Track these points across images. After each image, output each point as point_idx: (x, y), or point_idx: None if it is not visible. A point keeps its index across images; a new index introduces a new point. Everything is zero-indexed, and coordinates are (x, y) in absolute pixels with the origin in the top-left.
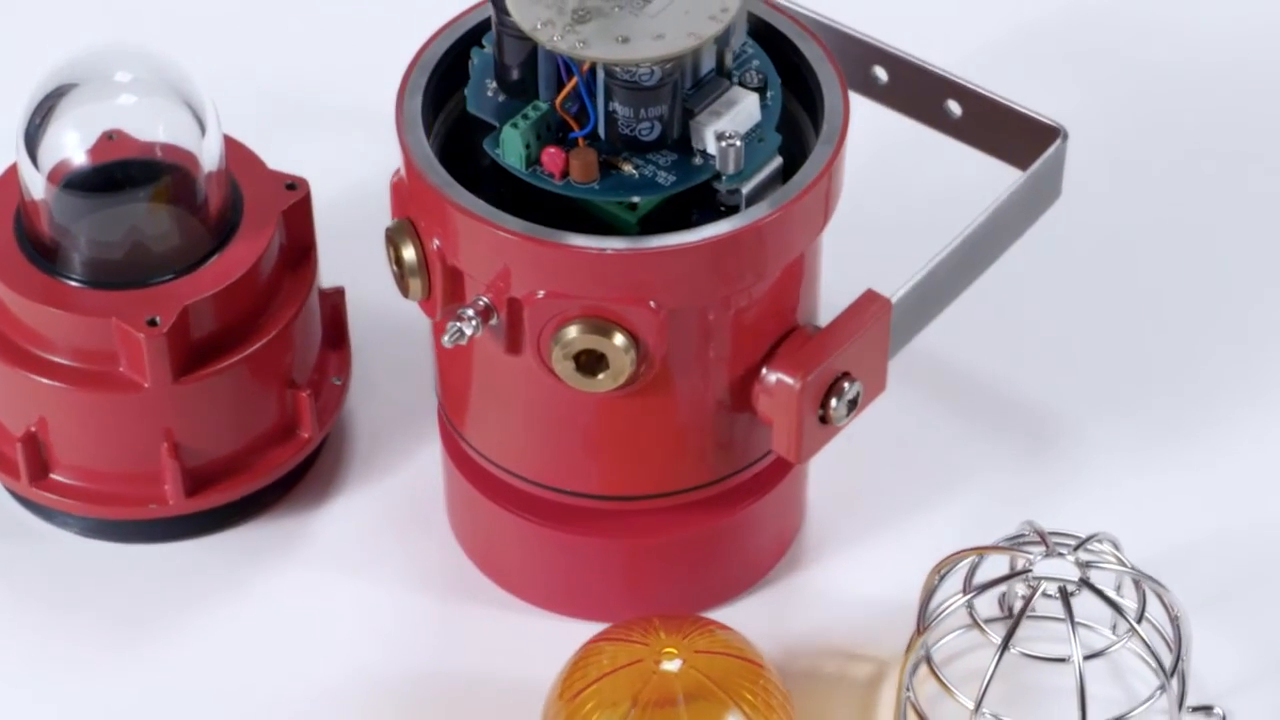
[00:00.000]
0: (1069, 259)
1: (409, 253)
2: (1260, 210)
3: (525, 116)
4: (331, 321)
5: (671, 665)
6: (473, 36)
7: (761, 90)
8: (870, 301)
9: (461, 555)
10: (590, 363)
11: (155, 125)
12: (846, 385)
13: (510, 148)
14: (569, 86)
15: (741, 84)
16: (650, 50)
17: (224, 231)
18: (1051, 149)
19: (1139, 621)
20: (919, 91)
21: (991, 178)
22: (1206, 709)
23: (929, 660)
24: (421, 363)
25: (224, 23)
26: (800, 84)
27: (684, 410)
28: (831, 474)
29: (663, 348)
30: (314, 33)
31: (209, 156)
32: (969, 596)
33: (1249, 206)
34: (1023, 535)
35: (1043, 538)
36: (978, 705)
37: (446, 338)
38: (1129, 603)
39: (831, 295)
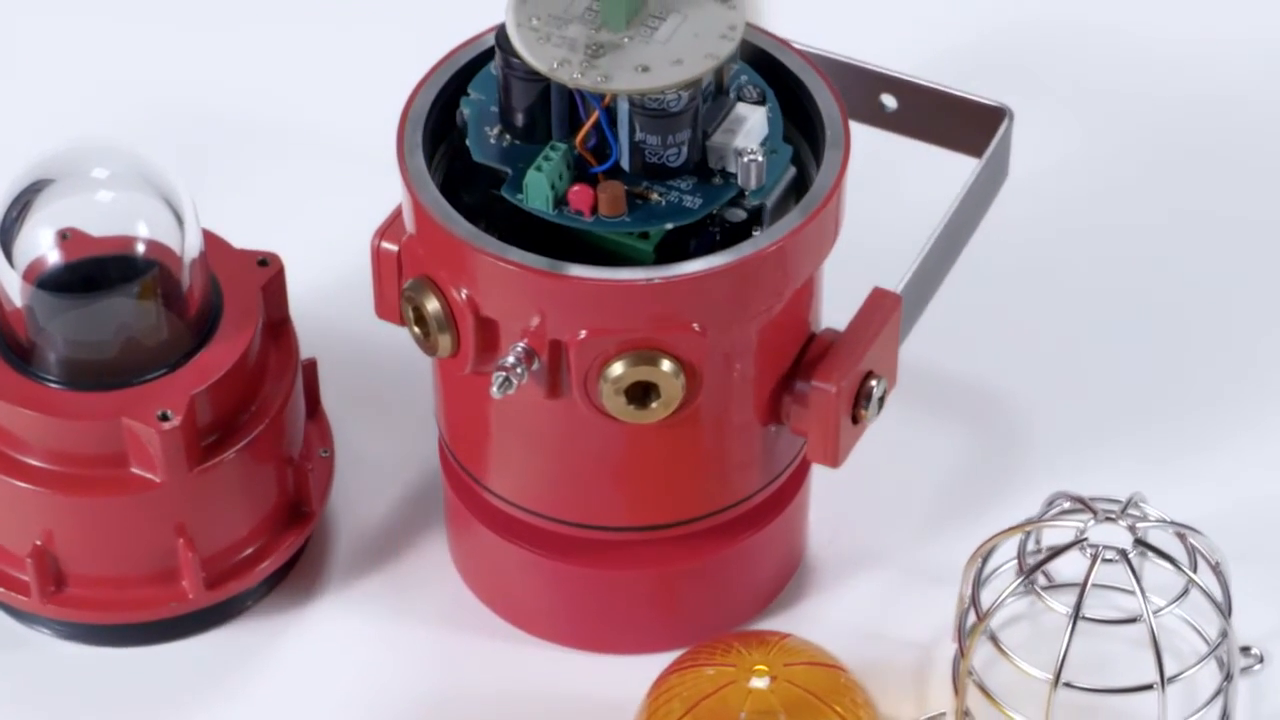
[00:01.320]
0: (1037, 258)
1: (434, 310)
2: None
3: (547, 158)
4: (308, 393)
5: (762, 682)
6: (456, 85)
7: (761, 103)
8: (882, 298)
9: (472, 604)
10: (640, 394)
11: (135, 221)
12: (874, 384)
13: (535, 191)
14: (589, 122)
15: (740, 99)
16: (673, 76)
17: (209, 319)
18: (1001, 130)
19: (1194, 572)
20: (856, 89)
21: (921, 169)
22: (1244, 649)
23: (996, 641)
24: (390, 420)
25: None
26: (782, 93)
27: (718, 432)
28: (826, 495)
29: (708, 367)
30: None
31: (190, 248)
32: (1028, 574)
33: (1241, 208)
34: (1057, 504)
35: (1086, 504)
36: (1057, 677)
37: (496, 389)
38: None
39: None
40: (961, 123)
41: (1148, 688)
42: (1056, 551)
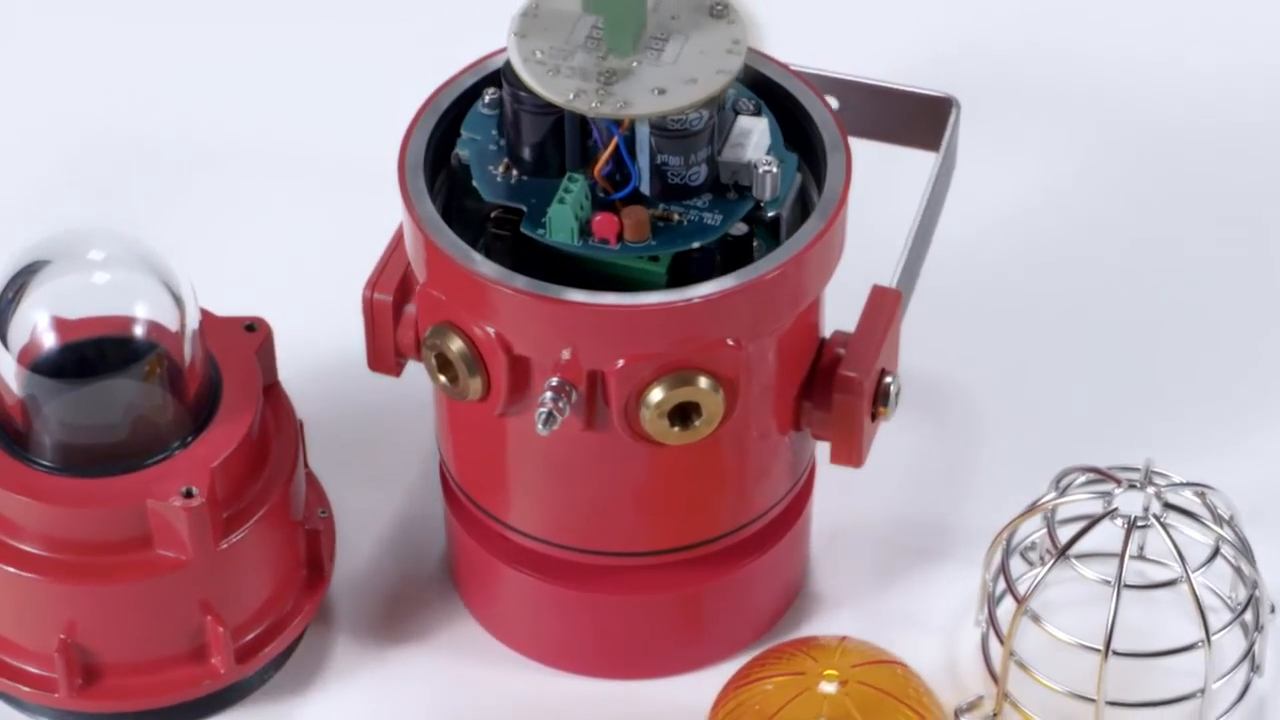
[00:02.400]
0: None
1: (463, 355)
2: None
3: (567, 190)
4: None
5: (833, 686)
6: (446, 126)
7: (758, 115)
8: (883, 296)
9: (490, 645)
10: (683, 415)
11: (134, 301)
12: (889, 381)
13: (560, 224)
14: (609, 150)
15: (736, 112)
16: (692, 95)
17: (211, 393)
18: (951, 120)
19: (1208, 560)
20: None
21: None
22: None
23: (1037, 619)
24: (370, 472)
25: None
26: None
27: (745, 444)
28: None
29: (743, 380)
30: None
31: (189, 327)
32: (1063, 550)
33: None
34: (1070, 478)
35: (1108, 475)
36: (1107, 646)
37: (541, 426)
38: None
39: None
40: (909, 117)
41: (1190, 648)
42: (1092, 523)
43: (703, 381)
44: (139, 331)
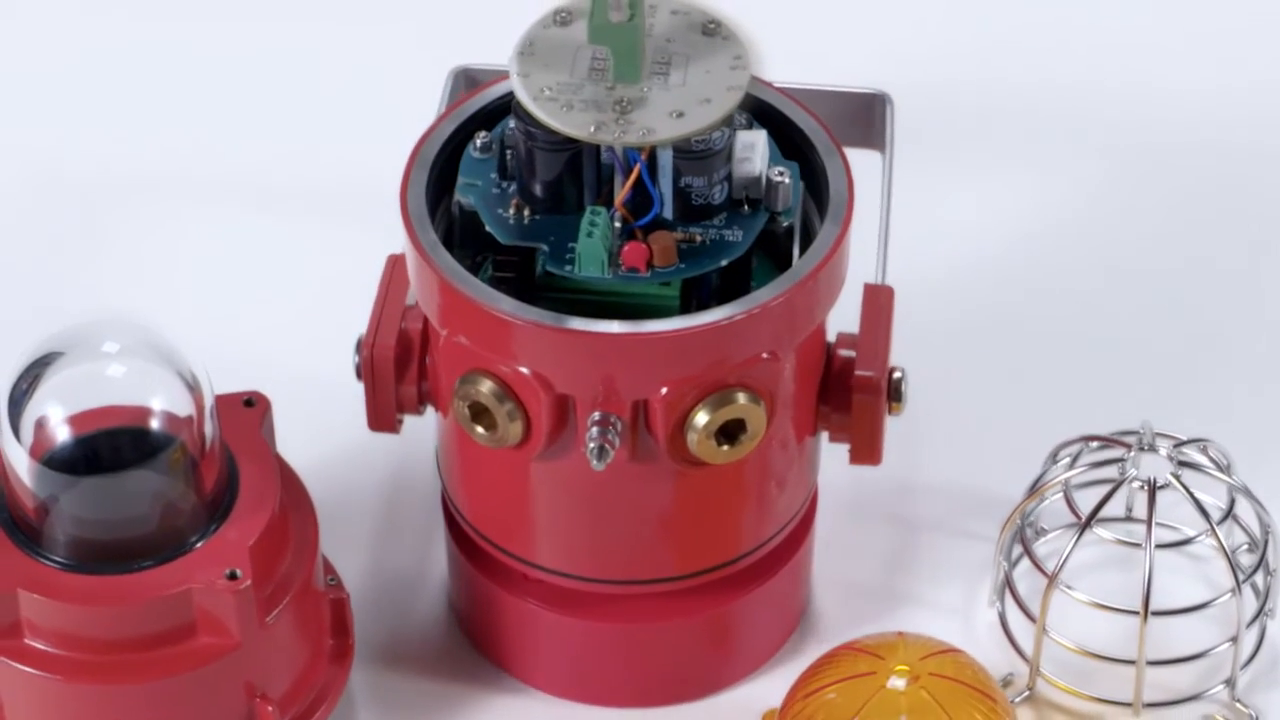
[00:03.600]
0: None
1: (499, 401)
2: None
3: (593, 224)
4: None
5: (901, 681)
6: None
7: (750, 127)
8: (876, 293)
9: (513, 686)
10: (729, 433)
11: (149, 393)
12: (899, 375)
13: (590, 258)
14: (633, 178)
15: (732, 128)
16: (710, 115)
17: (230, 475)
18: (888, 116)
19: (1222, 522)
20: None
21: None
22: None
23: (1024, 534)
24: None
25: None
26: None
27: (773, 456)
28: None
29: (782, 392)
30: None
31: (207, 416)
32: (1088, 520)
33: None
34: (1070, 449)
35: (1116, 441)
36: (1054, 576)
37: (597, 461)
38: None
39: None
40: (845, 117)
41: (1220, 598)
42: (1114, 488)
43: (743, 397)
44: (156, 423)
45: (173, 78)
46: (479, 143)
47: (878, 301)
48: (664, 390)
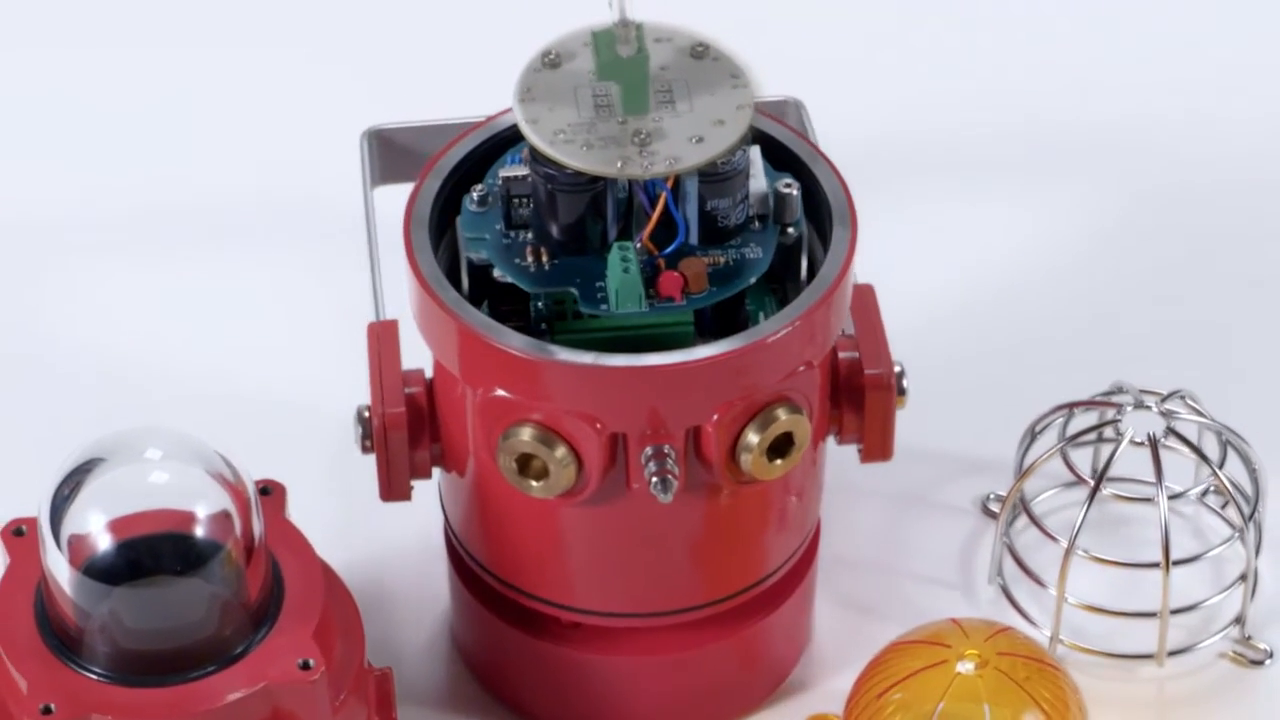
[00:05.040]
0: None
1: (549, 449)
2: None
3: (626, 259)
4: None
5: (965, 666)
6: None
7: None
8: (862, 293)
9: None
10: (778, 449)
11: (194, 500)
12: (900, 369)
13: (628, 294)
14: (660, 208)
15: None
16: (728, 136)
17: (275, 573)
18: (806, 120)
19: (1220, 468)
20: None
21: None
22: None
23: (1025, 506)
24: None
25: None
26: None
27: (802, 468)
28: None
29: (820, 399)
30: None
31: (254, 519)
32: (1060, 445)
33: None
34: (1047, 420)
35: (1105, 402)
36: (1071, 543)
37: (664, 493)
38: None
39: None
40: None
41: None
42: (1116, 448)
43: (788, 410)
44: (202, 530)
45: (71, 125)
46: (475, 196)
47: (865, 300)
48: (715, 416)
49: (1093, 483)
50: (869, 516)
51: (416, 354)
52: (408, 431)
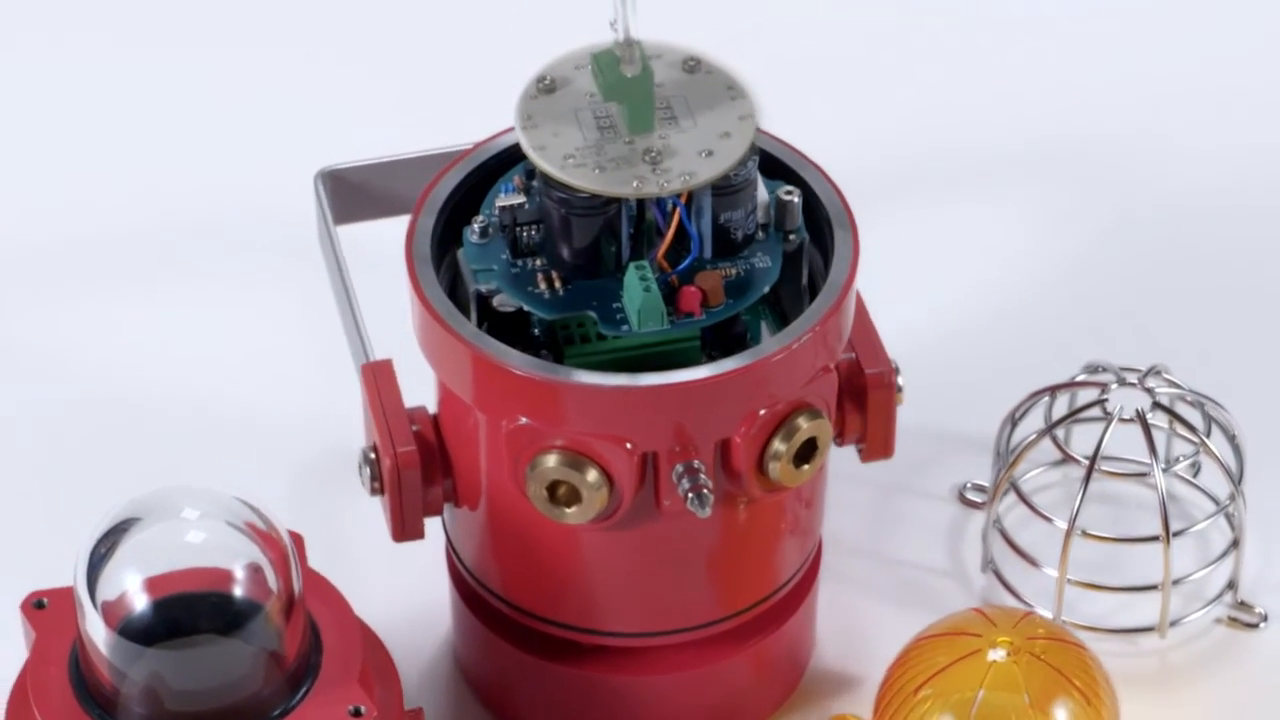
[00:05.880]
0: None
1: (582, 470)
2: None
3: (644, 279)
4: None
5: (998, 654)
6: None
7: None
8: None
9: None
10: (806, 454)
11: (234, 560)
12: (896, 365)
13: (650, 313)
14: (674, 225)
15: None
16: (736, 148)
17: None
18: None
19: (1209, 428)
20: None
21: None
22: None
23: (1018, 491)
24: None
25: None
26: None
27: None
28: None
29: (839, 401)
30: None
31: (294, 578)
32: (1050, 427)
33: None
34: (1025, 405)
35: (1088, 383)
36: (1071, 523)
37: (703, 508)
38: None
39: None
40: None
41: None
42: (1107, 425)
43: (810, 415)
44: (241, 590)
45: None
46: (476, 228)
47: (855, 301)
48: (743, 427)
49: (1086, 463)
50: (847, 512)
51: (408, 391)
52: (421, 470)
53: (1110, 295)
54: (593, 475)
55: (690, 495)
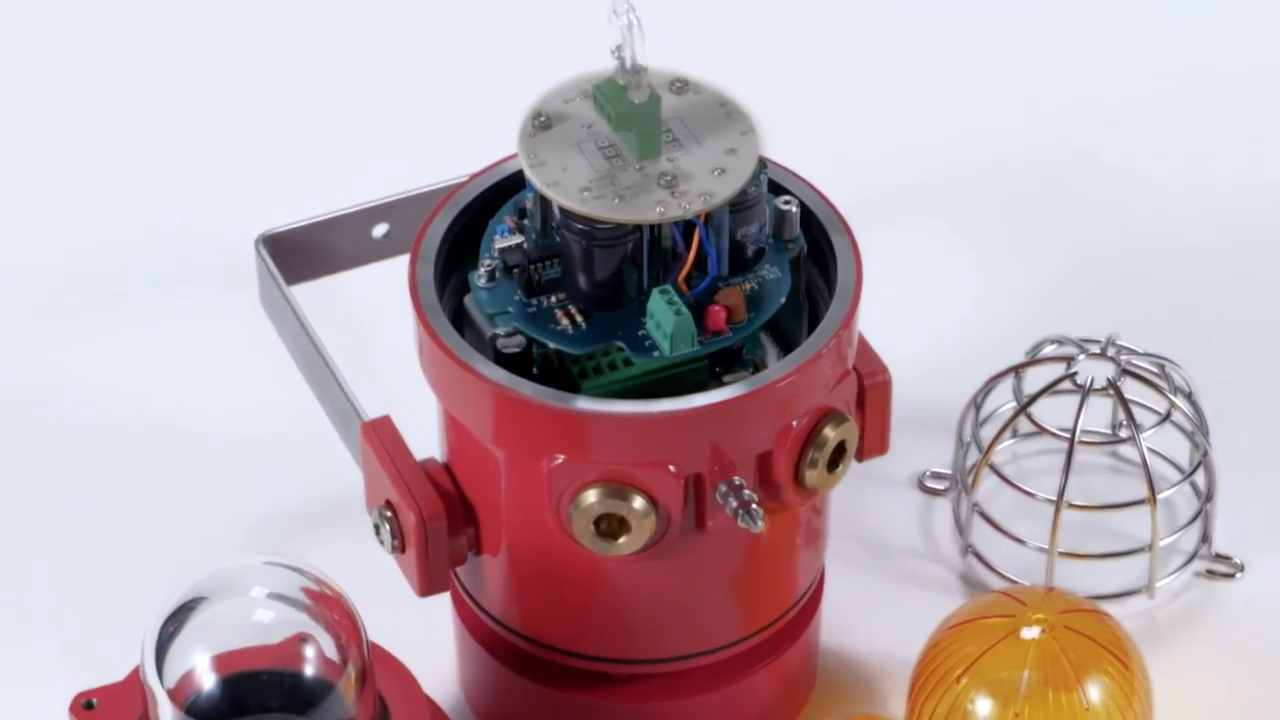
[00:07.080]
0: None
1: (626, 499)
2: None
3: (671, 302)
4: None
5: (1033, 632)
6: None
7: None
8: None
9: None
10: (838, 456)
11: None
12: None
13: (682, 336)
14: (695, 246)
15: None
16: (745, 163)
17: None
18: None
19: (1175, 390)
20: None
21: None
22: None
23: (998, 471)
24: None
25: None
26: None
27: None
28: None
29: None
30: None
31: (366, 655)
32: (1025, 405)
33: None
34: (992, 382)
35: (1058, 358)
36: (1060, 496)
37: (756, 523)
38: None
39: None
40: None
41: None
42: (1052, 384)
43: (837, 420)
44: (311, 669)
45: None
46: (483, 272)
47: None
48: (779, 439)
49: (1064, 436)
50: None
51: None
52: (446, 522)
53: (1058, 286)
54: (639, 503)
55: (740, 512)
